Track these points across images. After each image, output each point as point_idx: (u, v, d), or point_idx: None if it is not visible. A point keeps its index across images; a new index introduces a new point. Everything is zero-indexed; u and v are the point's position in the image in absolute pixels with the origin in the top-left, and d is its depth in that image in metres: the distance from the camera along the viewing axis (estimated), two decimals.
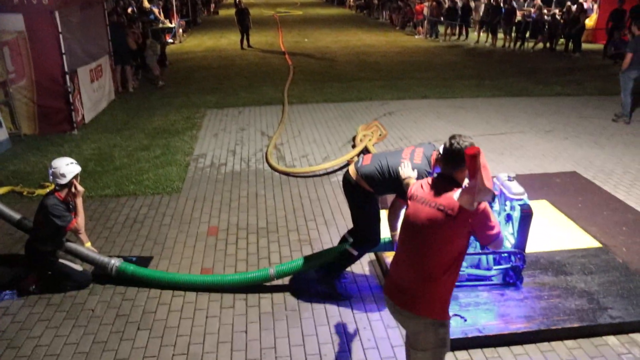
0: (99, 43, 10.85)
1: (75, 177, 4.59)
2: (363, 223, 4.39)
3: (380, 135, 8.60)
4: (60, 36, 8.59)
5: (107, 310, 4.43)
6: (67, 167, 4.52)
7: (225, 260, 5.17)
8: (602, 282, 4.55)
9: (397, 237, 4.41)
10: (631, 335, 4.08)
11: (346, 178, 4.33)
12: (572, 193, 6.44)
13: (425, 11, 22.48)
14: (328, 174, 7.31)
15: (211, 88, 12.69)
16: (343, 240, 4.69)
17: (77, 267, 4.75)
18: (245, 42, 18.92)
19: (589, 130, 9.24)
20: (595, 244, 5.19)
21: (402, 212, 4.30)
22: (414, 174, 3.79)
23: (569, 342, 4.00)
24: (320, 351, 3.94)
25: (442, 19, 21.60)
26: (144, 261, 5.07)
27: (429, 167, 3.95)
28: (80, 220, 4.63)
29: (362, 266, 5.01)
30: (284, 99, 11.41)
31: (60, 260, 4.67)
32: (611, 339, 4.04)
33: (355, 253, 4.44)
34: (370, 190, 4.20)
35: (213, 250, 5.34)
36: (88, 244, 4.90)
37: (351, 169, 4.32)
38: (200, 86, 12.92)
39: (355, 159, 7.20)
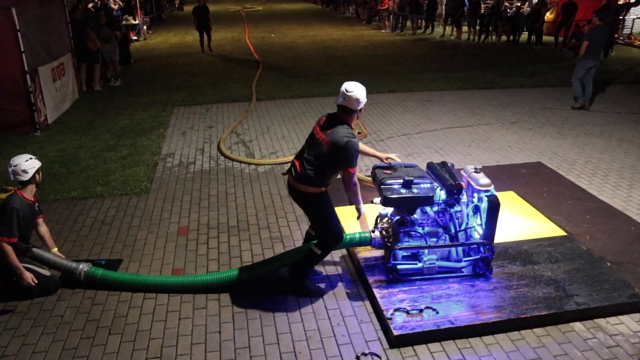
0: (60, 41, 10.55)
1: (38, 172, 4.48)
2: (321, 224, 4.34)
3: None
4: (19, 34, 8.32)
5: (77, 316, 4.32)
6: (28, 163, 4.41)
7: (196, 260, 5.11)
8: (567, 269, 4.66)
9: (362, 209, 4.32)
10: (596, 320, 4.20)
11: (292, 188, 4.29)
12: (538, 183, 6.58)
13: (391, 5, 22.60)
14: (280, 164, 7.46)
15: (178, 86, 12.50)
16: (307, 235, 4.68)
17: (45, 272, 4.61)
18: (205, 43, 17.18)
19: (552, 121, 9.45)
20: (561, 232, 5.32)
21: (358, 180, 4.19)
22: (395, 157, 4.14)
23: (538, 330, 4.09)
24: (295, 349, 3.94)
25: (408, 12, 21.74)
26: (113, 264, 4.98)
27: (346, 124, 4.16)
28: (9, 252, 4.26)
29: (334, 262, 5.02)
30: (252, 91, 11.33)
31: (26, 265, 4.53)
32: (577, 325, 4.15)
33: (319, 252, 4.39)
34: (320, 190, 4.19)
35: (184, 251, 5.28)
36: (55, 250, 4.78)
37: (290, 179, 4.28)
38: (166, 84, 12.71)
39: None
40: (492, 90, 11.82)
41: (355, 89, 4.10)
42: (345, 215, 5.39)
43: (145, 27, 21.02)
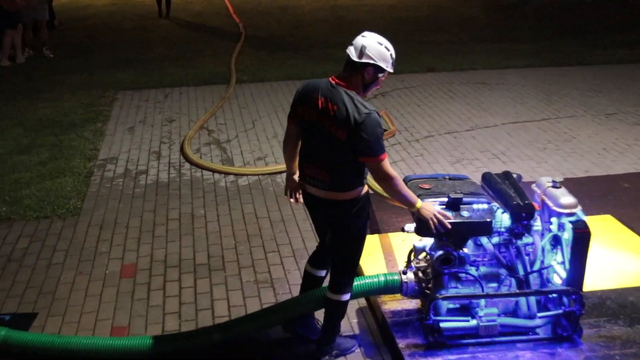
0: None
1: None
2: (354, 245, 4.29)
3: (384, 130, 8.61)
4: None
5: None
6: None
7: (147, 314, 5.06)
8: None
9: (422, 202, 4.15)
10: None
11: (317, 199, 4.22)
12: None
13: None
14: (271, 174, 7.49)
15: (124, 60, 12.59)
16: (307, 276, 4.65)
17: None
18: (163, 5, 17.19)
19: None
20: None
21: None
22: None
23: None
24: None
25: None
26: (22, 320, 4.94)
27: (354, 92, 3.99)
28: None
29: (348, 317, 4.95)
30: (230, 69, 11.41)
31: None
32: None
33: (347, 297, 4.39)
34: (360, 194, 4.12)
35: (129, 300, 5.23)
36: None
37: (310, 189, 4.23)
38: (107, 58, 12.80)
39: None
40: (577, 67, 11.83)
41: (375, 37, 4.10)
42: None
43: None
